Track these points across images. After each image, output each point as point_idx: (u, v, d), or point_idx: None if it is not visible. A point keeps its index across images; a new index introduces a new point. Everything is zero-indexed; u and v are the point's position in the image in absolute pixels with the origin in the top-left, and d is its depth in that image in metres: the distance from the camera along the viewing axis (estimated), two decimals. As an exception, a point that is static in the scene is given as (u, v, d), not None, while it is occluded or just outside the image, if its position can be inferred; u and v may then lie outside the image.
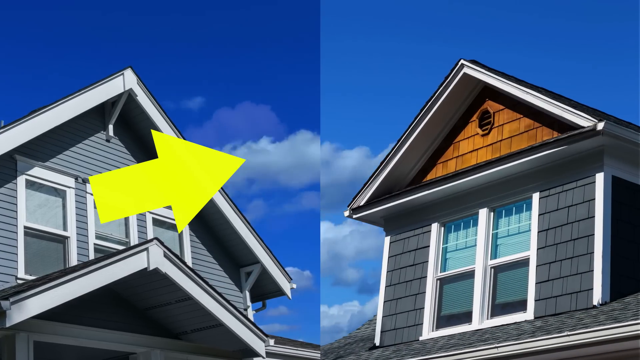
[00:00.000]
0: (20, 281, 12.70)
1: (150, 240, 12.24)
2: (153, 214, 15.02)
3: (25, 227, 13.18)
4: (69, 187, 13.94)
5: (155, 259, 12.03)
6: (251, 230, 16.06)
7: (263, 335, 13.39)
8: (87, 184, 14.00)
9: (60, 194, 13.87)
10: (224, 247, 16.25)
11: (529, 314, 11.25)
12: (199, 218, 15.59)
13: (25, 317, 10.66)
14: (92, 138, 14.57)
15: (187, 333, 13.29)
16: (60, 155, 13.96)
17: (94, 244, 14.06)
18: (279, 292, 16.70)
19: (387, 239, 13.60)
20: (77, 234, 13.86)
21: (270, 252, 16.34)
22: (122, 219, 14.56)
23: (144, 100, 14.94)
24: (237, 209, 15.87)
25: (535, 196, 11.61)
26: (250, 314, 16.26)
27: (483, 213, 12.20)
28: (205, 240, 15.98)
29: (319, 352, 15.82)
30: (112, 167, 14.47)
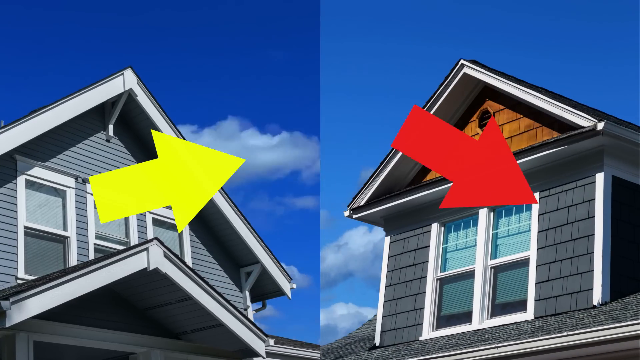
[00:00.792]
0: (20, 281, 12.69)
1: (150, 240, 12.24)
2: (153, 214, 15.02)
3: (25, 227, 13.18)
4: (69, 187, 13.94)
5: (155, 259, 12.03)
6: (251, 230, 16.06)
7: (263, 335, 13.39)
8: (87, 184, 13.99)
9: (60, 194, 13.87)
10: (224, 247, 16.25)
11: (529, 314, 11.24)
12: (199, 218, 15.59)
13: (25, 317, 10.66)
14: (92, 138, 14.57)
15: (187, 333, 13.29)
16: (60, 155, 13.96)
17: (94, 244, 14.06)
18: (279, 292, 16.69)
19: (387, 239, 13.60)
20: (77, 234, 13.86)
21: (270, 252, 16.34)
22: (122, 219, 14.55)
23: (144, 100, 14.94)
24: (237, 209, 15.87)
25: (535, 196, 11.60)
26: (250, 314, 16.26)
27: (483, 213, 12.19)
28: (205, 240, 15.98)
29: (319, 352, 15.81)
30: (112, 167, 14.45)
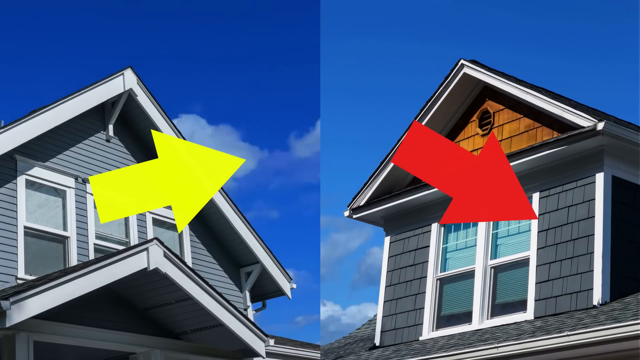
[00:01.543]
0: (20, 281, 12.69)
1: (150, 240, 12.24)
2: (153, 214, 15.01)
3: (25, 227, 13.17)
4: (69, 187, 13.94)
5: (155, 259, 12.02)
6: (251, 230, 16.06)
7: (263, 335, 13.38)
8: (87, 184, 13.98)
9: (60, 194, 13.87)
10: (224, 247, 16.25)
11: (529, 314, 11.24)
12: (199, 218, 15.59)
13: (25, 317, 10.66)
14: (92, 138, 14.57)
15: (187, 333, 13.29)
16: (60, 155, 13.96)
17: (94, 244, 14.06)
18: (279, 292, 16.69)
19: (387, 239, 13.60)
20: (77, 234, 13.86)
21: (270, 252, 16.34)
22: (122, 219, 14.54)
23: (144, 100, 14.93)
24: (237, 209, 15.87)
25: (535, 196, 11.60)
26: (250, 314, 16.26)
27: (483, 213, 12.18)
28: (205, 240, 15.97)
29: (319, 352, 15.81)
30: (112, 167, 14.45)
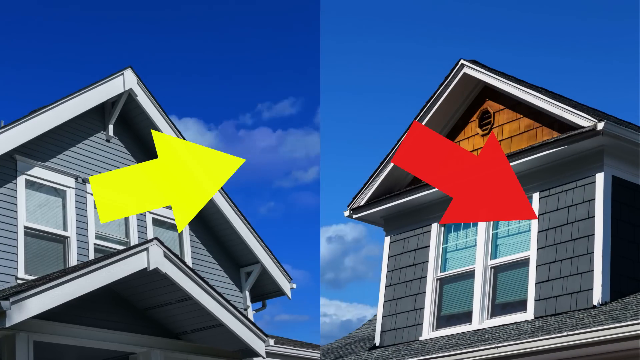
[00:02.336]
0: (20, 281, 12.69)
1: (150, 240, 12.24)
2: (153, 214, 15.02)
3: (25, 227, 13.17)
4: (69, 187, 13.94)
5: (155, 259, 12.02)
6: (251, 230, 16.06)
7: (263, 335, 13.38)
8: (87, 184, 13.98)
9: (60, 194, 13.87)
10: (224, 247, 16.25)
11: (529, 314, 11.24)
12: (199, 218, 15.59)
13: (25, 317, 10.66)
14: (92, 138, 14.57)
15: (187, 333, 13.29)
16: (60, 155, 13.96)
17: (94, 244, 14.06)
18: (279, 292, 16.69)
19: (387, 239, 13.60)
20: (77, 234, 13.86)
21: (270, 252, 16.34)
22: (122, 219, 14.55)
23: (144, 100, 14.94)
24: (237, 209, 15.87)
25: (535, 196, 11.60)
26: (250, 314, 16.26)
27: (483, 213, 12.18)
28: (205, 240, 15.97)
29: (319, 352, 15.81)
30: (112, 167, 14.45)
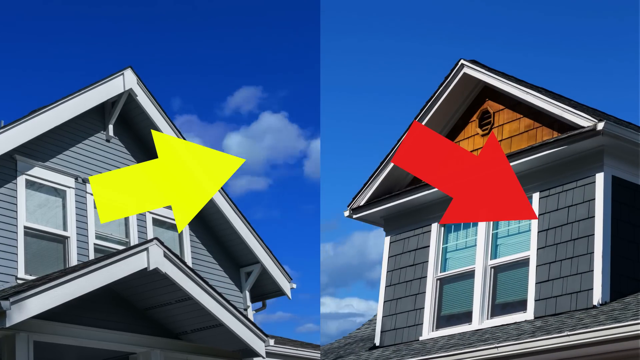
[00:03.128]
0: (20, 281, 12.69)
1: (150, 240, 12.24)
2: (153, 214, 15.02)
3: (25, 227, 13.17)
4: (69, 187, 13.94)
5: (155, 259, 12.03)
6: (251, 230, 16.06)
7: (263, 335, 13.38)
8: (87, 184, 13.98)
9: (60, 194, 13.87)
10: (224, 247, 16.25)
11: (529, 314, 11.24)
12: (199, 218, 15.59)
13: (25, 317, 10.66)
14: (92, 138, 14.57)
15: (187, 333, 13.29)
16: (60, 155, 13.96)
17: (94, 244, 14.06)
18: (279, 292, 16.69)
19: (387, 239, 13.60)
20: (77, 234, 13.86)
21: (270, 252, 16.34)
22: (122, 219, 14.55)
23: (144, 100, 14.94)
24: (237, 209, 15.87)
25: (535, 196, 11.60)
26: (250, 314, 16.26)
27: (483, 213, 12.18)
28: (205, 240, 15.98)
29: (319, 352, 15.81)
30: (112, 167, 14.45)
